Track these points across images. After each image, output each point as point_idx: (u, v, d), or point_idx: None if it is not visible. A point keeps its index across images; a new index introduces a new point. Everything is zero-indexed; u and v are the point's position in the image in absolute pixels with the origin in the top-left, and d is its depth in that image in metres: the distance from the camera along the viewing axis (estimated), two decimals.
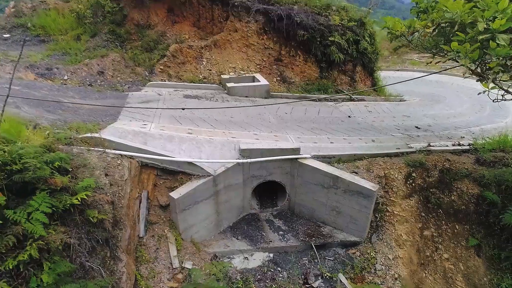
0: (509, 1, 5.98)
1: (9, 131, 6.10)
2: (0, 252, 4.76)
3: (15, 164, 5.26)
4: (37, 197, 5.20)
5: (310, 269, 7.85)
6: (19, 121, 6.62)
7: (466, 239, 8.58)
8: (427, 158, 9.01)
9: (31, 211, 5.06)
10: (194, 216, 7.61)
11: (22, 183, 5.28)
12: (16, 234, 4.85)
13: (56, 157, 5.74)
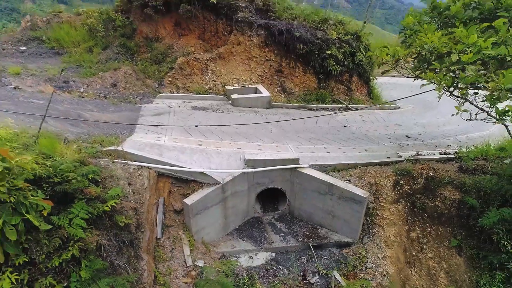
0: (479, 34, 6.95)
1: (47, 147, 7.04)
2: (49, 252, 5.72)
3: (56, 177, 6.21)
4: (76, 205, 6.15)
5: (308, 267, 8.80)
6: (54, 137, 7.56)
7: (449, 240, 9.53)
8: (414, 167, 9.97)
9: (72, 217, 6.01)
10: (205, 220, 8.56)
11: (63, 193, 6.23)
12: (61, 237, 5.81)
13: (89, 170, 6.70)
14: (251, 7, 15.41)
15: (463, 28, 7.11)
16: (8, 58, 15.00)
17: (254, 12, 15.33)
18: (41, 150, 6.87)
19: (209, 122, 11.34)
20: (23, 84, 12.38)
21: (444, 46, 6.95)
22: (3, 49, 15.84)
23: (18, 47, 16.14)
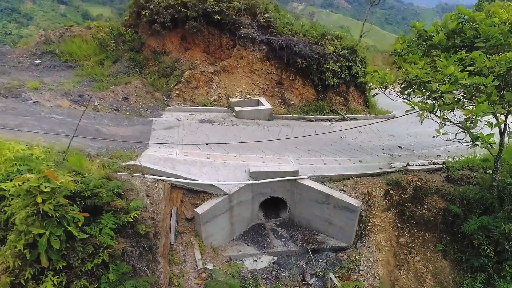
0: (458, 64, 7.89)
1: (76, 164, 7.98)
2: (83, 257, 6.65)
3: (87, 192, 7.13)
4: (105, 216, 7.08)
5: (306, 269, 9.73)
6: (80, 154, 8.50)
7: (435, 245, 10.46)
8: (404, 178, 10.92)
9: (102, 227, 6.95)
10: (214, 227, 9.50)
11: (93, 206, 7.16)
12: (93, 244, 6.74)
13: (114, 185, 7.63)
14: (254, 23, 16.35)
15: (444, 58, 8.05)
16: (24, 72, 15.90)
17: (256, 28, 16.26)
18: (71, 167, 7.81)
19: (216, 135, 12.27)
20: (41, 99, 13.30)
21: (426, 75, 7.89)
22: (19, 62, 16.77)
23: (33, 60, 17.06)
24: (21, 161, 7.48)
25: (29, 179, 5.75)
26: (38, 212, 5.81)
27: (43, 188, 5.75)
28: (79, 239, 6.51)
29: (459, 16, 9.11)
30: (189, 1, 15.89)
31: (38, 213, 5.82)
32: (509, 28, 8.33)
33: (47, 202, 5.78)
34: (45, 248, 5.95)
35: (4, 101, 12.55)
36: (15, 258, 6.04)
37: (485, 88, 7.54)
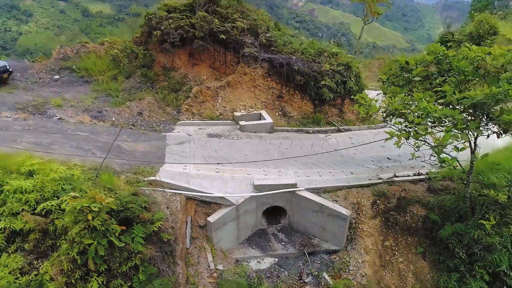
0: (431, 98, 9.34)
1: (107, 181, 9.46)
2: (120, 261, 8.14)
3: (120, 207, 8.60)
4: (136, 227, 8.57)
5: (303, 269, 11.23)
6: (111, 172, 9.97)
7: (415, 248, 11.96)
8: (389, 189, 12.40)
9: (134, 236, 8.43)
10: (223, 233, 10.99)
11: (125, 218, 8.64)
12: (128, 250, 8.23)
13: (142, 200, 9.12)
14: (256, 42, 17.78)
15: (420, 92, 9.52)
16: (45, 87, 17.35)
17: (259, 47, 17.69)
18: (104, 185, 9.30)
19: (223, 149, 13.74)
20: (65, 115, 14.77)
21: (403, 107, 9.36)
22: (40, 78, 18.21)
23: (52, 75, 18.50)
24: (65, 181, 8.97)
25: (81, 201, 7.23)
26: (89, 226, 7.30)
27: (92, 207, 7.23)
28: (117, 247, 8.00)
29: (435, 52, 10.53)
30: (197, 22, 17.30)
31: (88, 227, 7.30)
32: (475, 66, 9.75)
33: (96, 219, 7.26)
34: (93, 255, 7.44)
35: (33, 119, 14.02)
36: (69, 263, 7.53)
37: (453, 119, 9.02)
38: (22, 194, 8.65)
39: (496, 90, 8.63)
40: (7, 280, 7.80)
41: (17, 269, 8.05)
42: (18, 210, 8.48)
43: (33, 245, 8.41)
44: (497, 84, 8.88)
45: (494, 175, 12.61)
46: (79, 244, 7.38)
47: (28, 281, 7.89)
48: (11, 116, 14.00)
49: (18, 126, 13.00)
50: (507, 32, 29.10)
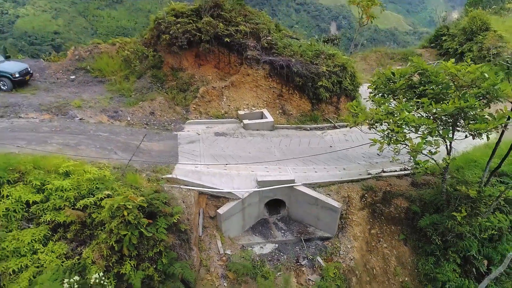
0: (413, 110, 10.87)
1: (133, 180, 11.09)
2: (147, 248, 9.82)
3: (145, 203, 10.24)
4: (159, 220, 10.23)
5: (300, 254, 12.97)
6: (134, 172, 11.58)
7: (398, 235, 13.70)
8: (376, 183, 14.05)
9: (158, 227, 10.10)
10: (230, 223, 12.68)
11: (149, 212, 10.28)
12: (153, 239, 9.90)
13: (163, 196, 10.76)
14: (258, 45, 19.13)
15: (400, 104, 11.04)
16: (63, 88, 18.81)
17: (260, 50, 19.05)
18: (130, 183, 10.94)
19: (229, 147, 15.31)
20: (85, 115, 16.28)
21: (386, 117, 10.92)
22: (57, 78, 19.65)
23: (69, 76, 19.92)
24: (98, 181, 10.60)
25: (118, 199, 8.86)
26: (124, 221, 8.95)
27: (127, 205, 8.87)
28: (146, 236, 9.68)
29: (416, 66, 11.99)
30: (203, 27, 18.62)
31: (124, 221, 8.96)
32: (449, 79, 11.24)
33: (130, 214, 8.92)
34: (127, 243, 9.12)
35: (57, 120, 15.53)
36: (107, 249, 9.23)
37: (428, 127, 10.59)
38: (62, 192, 10.28)
39: (464, 104, 10.17)
40: (56, 263, 9.51)
41: (62, 254, 9.74)
42: (60, 206, 10.12)
43: (74, 235, 10.08)
44: (465, 98, 10.39)
45: (470, 172, 14.29)
46: (116, 234, 9.06)
47: (72, 264, 9.59)
48: (37, 117, 15.51)
49: (46, 128, 14.52)
50: (499, 27, 30.25)
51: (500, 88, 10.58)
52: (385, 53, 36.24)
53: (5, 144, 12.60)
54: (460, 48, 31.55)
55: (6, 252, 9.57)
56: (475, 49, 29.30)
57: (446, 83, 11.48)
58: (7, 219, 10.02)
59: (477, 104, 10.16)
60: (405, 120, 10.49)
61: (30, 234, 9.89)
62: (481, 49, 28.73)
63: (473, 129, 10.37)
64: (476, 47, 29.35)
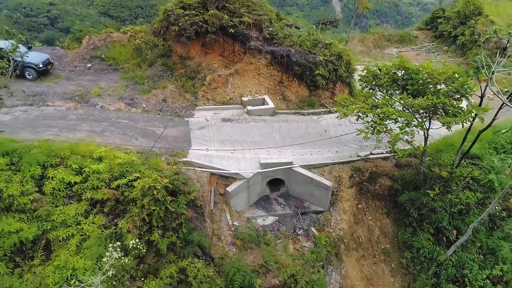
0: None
1: (155, 164, 13.12)
2: (171, 220, 11.98)
3: (169, 183, 12.31)
4: (180, 197, 12.34)
5: (297, 225, 15.19)
6: (153, 155, 13.59)
7: (382, 209, 15.90)
8: (364, 165, 16.11)
9: (179, 203, 12.21)
10: (237, 199, 14.82)
11: (172, 191, 12.37)
12: (176, 213, 12.05)
13: (182, 178, 12.84)
14: (260, 36, 20.66)
15: (384, 98, 12.90)
16: (82, 76, 20.50)
17: (262, 41, 20.60)
18: (153, 166, 12.97)
19: (235, 132, 17.24)
20: (105, 103, 18.11)
21: (370, 110, 12.80)
22: (75, 66, 21.30)
23: (85, 64, 21.56)
24: (128, 165, 12.63)
25: (148, 181, 10.93)
26: (154, 198, 11.06)
27: (156, 186, 10.95)
28: (170, 211, 11.82)
29: (400, 65, 13.74)
30: (209, 19, 20.08)
31: (154, 199, 11.07)
32: (427, 76, 13.03)
33: (158, 193, 11.01)
34: (156, 216, 11.28)
35: (81, 107, 17.38)
36: (140, 221, 11.40)
37: (406, 119, 12.51)
38: (98, 174, 12.34)
39: (436, 100, 12.04)
40: (97, 232, 11.69)
41: (101, 225, 11.92)
42: (97, 185, 12.20)
43: (109, 209, 12.22)
44: (438, 95, 12.25)
45: (447, 154, 16.32)
46: (147, 209, 11.20)
47: (110, 233, 11.78)
48: (63, 105, 17.36)
49: (73, 116, 16.42)
50: (492, 12, 31.40)
51: (469, 86, 12.41)
52: (382, 35, 37.53)
53: (41, 131, 14.56)
54: (454, 31, 32.87)
55: (55, 223, 11.75)
56: (467, 33, 30.63)
57: (424, 80, 13.27)
58: (53, 196, 12.14)
59: (446, 101, 12.02)
60: (387, 113, 12.38)
61: (74, 208, 12.04)
62: (472, 33, 30.07)
63: (443, 122, 12.30)
64: (468, 31, 30.67)
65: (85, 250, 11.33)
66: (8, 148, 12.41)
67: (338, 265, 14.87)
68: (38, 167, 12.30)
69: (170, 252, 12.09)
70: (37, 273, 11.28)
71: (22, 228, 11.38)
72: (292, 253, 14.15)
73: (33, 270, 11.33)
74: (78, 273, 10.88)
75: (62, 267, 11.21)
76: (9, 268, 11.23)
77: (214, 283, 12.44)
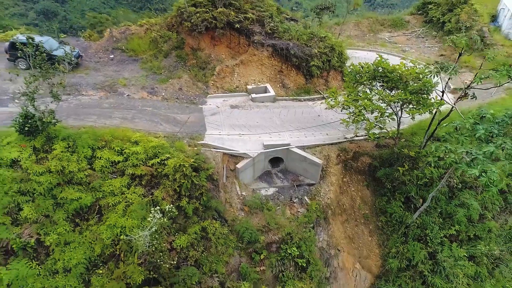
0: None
1: (180, 146, 16.46)
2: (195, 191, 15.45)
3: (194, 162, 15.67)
4: (201, 173, 15.77)
5: (293, 195, 18.71)
6: (176, 139, 16.91)
7: (363, 182, 19.41)
8: (349, 146, 19.47)
9: (200, 177, 15.64)
10: (245, 174, 18.27)
11: (195, 167, 15.77)
12: (199, 185, 15.52)
13: (202, 157, 16.23)
14: (263, 31, 23.45)
15: (364, 92, 16.07)
16: (107, 67, 23.44)
17: (265, 35, 23.43)
18: (179, 149, 16.32)
19: (242, 118, 20.44)
20: (130, 92, 21.20)
21: (351, 103, 15.98)
22: (100, 57, 24.18)
23: (108, 55, 24.42)
24: (159, 147, 15.94)
25: (179, 160, 14.31)
26: (183, 174, 14.47)
27: (185, 164, 14.34)
28: (194, 183, 15.27)
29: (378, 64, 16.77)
30: (218, 15, 22.81)
31: (183, 174, 14.49)
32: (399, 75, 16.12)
33: (186, 170, 14.42)
34: (184, 188, 14.75)
35: (111, 96, 20.48)
36: (172, 191, 14.87)
37: (379, 111, 15.76)
38: (136, 155, 15.69)
39: (404, 96, 15.22)
40: (138, 200, 15.17)
41: (141, 195, 15.37)
42: (136, 164, 15.57)
43: (146, 182, 15.63)
44: (406, 92, 15.41)
45: (419, 136, 19.64)
46: (178, 182, 14.64)
47: (148, 200, 15.26)
48: (95, 94, 20.46)
49: (106, 104, 19.57)
50: (476, 1, 33.71)
51: (430, 84, 15.53)
52: (376, 20, 39.81)
53: (83, 119, 17.78)
54: (442, 18, 35.28)
55: (105, 193, 15.20)
56: (453, 20, 33.13)
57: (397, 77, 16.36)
58: (102, 172, 15.55)
59: (411, 97, 15.20)
60: (364, 106, 15.59)
61: (119, 182, 15.46)
62: (458, 21, 32.56)
63: (408, 113, 15.54)
64: (454, 19, 33.16)
65: (131, 213, 14.84)
66: (64, 134, 15.71)
67: (325, 227, 18.52)
68: (88, 149, 15.68)
69: (194, 215, 15.64)
70: (93, 230, 14.82)
71: (80, 197, 14.84)
72: (289, 217, 17.74)
73: (90, 228, 14.88)
74: (126, 231, 14.43)
75: (113, 226, 14.71)
76: (71, 227, 14.75)
77: (228, 238, 16.11)
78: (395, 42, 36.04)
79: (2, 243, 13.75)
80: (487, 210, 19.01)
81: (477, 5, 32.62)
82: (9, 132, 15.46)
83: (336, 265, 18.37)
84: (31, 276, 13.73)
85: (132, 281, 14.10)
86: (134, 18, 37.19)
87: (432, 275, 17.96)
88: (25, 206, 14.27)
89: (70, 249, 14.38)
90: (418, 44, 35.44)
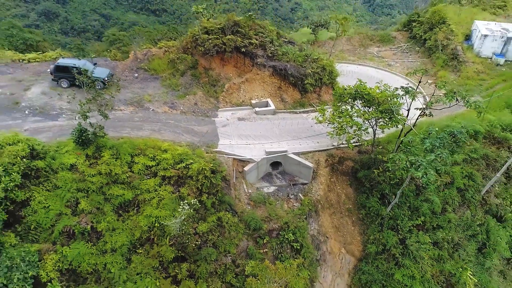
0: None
1: (199, 153, 20.80)
2: (212, 188, 19.77)
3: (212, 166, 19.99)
4: (217, 174, 20.12)
5: (289, 192, 22.99)
6: (195, 147, 21.22)
7: (347, 182, 23.72)
8: (335, 152, 23.79)
9: (216, 178, 19.96)
10: (251, 175, 22.57)
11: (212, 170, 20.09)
12: (216, 184, 19.84)
13: (217, 162, 20.56)
14: (264, 54, 27.79)
15: (346, 110, 20.40)
16: (133, 84, 27.69)
17: (266, 58, 27.75)
18: (199, 155, 20.68)
19: (248, 129, 24.71)
20: (154, 107, 25.49)
21: (335, 119, 20.27)
22: (126, 76, 28.46)
23: (133, 74, 28.70)
24: (184, 154, 20.24)
25: (200, 165, 18.64)
26: (204, 175, 18.80)
27: (206, 168, 18.67)
28: (212, 183, 19.58)
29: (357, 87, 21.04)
30: (227, 41, 27.12)
31: (205, 176, 18.81)
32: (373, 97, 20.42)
33: (207, 172, 18.75)
34: (205, 186, 19.11)
35: (139, 111, 24.75)
36: (195, 189, 19.20)
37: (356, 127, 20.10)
38: (166, 160, 19.99)
39: (376, 114, 19.54)
40: (168, 196, 19.45)
41: (170, 192, 19.66)
42: (166, 167, 19.87)
43: (174, 182, 19.93)
44: (378, 111, 19.72)
45: (393, 144, 23.91)
46: (200, 182, 18.95)
47: (176, 196, 19.55)
48: (126, 109, 24.74)
49: (137, 118, 23.86)
50: (454, 20, 37.90)
51: (398, 105, 19.83)
52: (366, 35, 44.11)
53: (119, 131, 22.07)
54: (424, 35, 39.56)
55: (142, 190, 19.50)
56: (433, 39, 37.39)
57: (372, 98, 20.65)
58: (139, 174, 19.85)
59: (381, 116, 19.50)
60: (345, 122, 19.91)
61: (152, 181, 19.76)
62: (436, 40, 36.83)
63: (379, 128, 19.86)
64: (433, 37, 37.40)
65: (163, 206, 19.13)
66: (110, 144, 20.02)
67: (316, 218, 22.82)
68: (128, 156, 19.99)
69: (212, 207, 19.93)
70: (133, 220, 19.10)
71: (123, 193, 19.13)
72: (286, 210, 22.03)
73: (130, 218, 19.15)
74: (160, 220, 18.70)
75: (149, 216, 18.99)
76: (116, 217, 19.01)
77: (238, 226, 20.42)
78: (382, 57, 40.32)
79: (66, 228, 18.02)
80: (448, 204, 23.28)
81: (453, 26, 36.82)
82: (67, 142, 19.75)
83: (325, 249, 22.68)
84: (87, 254, 17.92)
85: (164, 259, 18.43)
86: (147, 32, 41.41)
87: (403, 257, 22.19)
88: (82, 200, 18.52)
89: (116, 234, 18.61)
90: (403, 58, 39.71)
